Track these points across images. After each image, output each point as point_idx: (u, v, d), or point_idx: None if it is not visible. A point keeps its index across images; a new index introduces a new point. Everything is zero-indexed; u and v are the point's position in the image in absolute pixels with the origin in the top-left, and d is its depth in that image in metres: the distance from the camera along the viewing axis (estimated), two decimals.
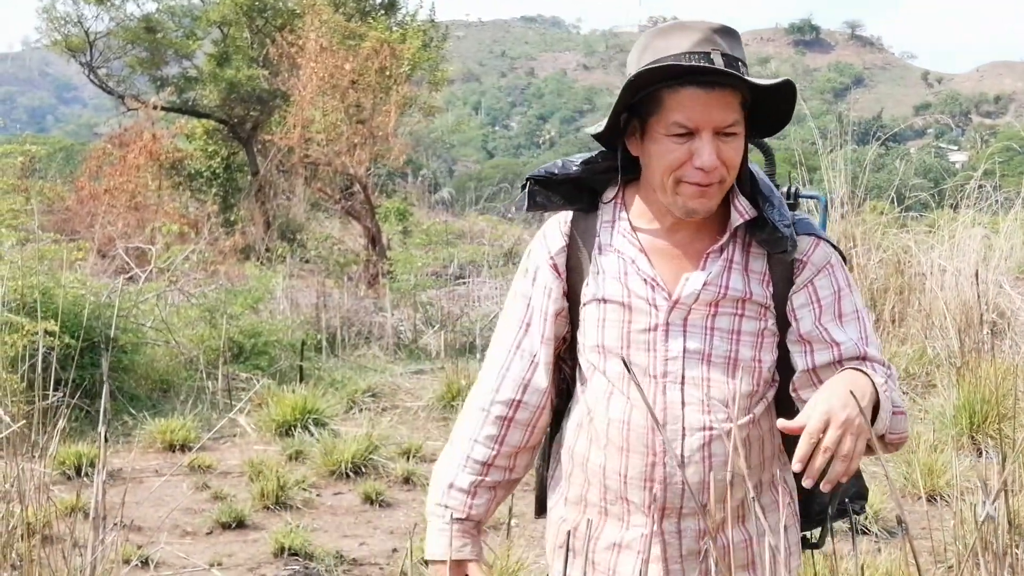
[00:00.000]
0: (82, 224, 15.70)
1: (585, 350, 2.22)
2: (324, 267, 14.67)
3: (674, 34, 2.08)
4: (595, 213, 2.24)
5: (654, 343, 2.13)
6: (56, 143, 37.89)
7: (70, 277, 8.24)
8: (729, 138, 2.05)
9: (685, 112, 2.03)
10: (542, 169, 2.23)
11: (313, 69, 15.58)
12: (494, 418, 2.26)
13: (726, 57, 2.03)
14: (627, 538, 2.18)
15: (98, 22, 22.15)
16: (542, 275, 2.27)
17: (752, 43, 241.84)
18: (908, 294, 9.46)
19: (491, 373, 2.30)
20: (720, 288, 2.12)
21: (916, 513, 5.67)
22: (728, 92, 2.03)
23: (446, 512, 2.25)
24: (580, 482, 2.24)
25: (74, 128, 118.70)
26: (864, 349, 2.15)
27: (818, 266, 2.17)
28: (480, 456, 2.27)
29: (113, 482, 6.04)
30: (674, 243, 2.16)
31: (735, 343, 2.13)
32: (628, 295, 2.15)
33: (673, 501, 2.13)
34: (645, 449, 2.12)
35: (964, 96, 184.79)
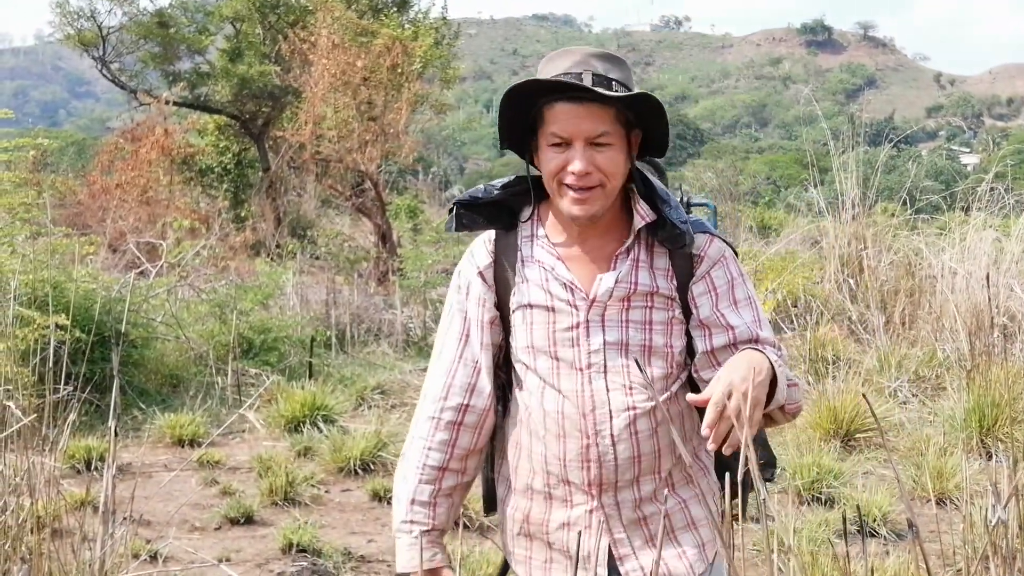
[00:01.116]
0: (94, 218, 15.73)
1: (517, 352, 2.46)
2: (334, 264, 14.68)
3: (558, 58, 2.38)
4: (514, 231, 2.50)
5: (577, 339, 2.38)
6: (68, 137, 38.06)
7: (81, 271, 8.25)
8: (603, 148, 2.31)
9: (559, 124, 2.31)
10: (467, 194, 2.50)
11: (325, 66, 15.59)
12: (445, 423, 2.48)
13: (597, 77, 2.31)
14: (573, 516, 2.42)
15: (111, 17, 22.21)
16: (474, 288, 2.51)
17: (764, 43, 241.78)
18: (919, 296, 9.45)
19: (436, 384, 2.51)
20: (630, 285, 2.39)
21: (925, 516, 5.66)
22: (596, 106, 2.29)
23: (413, 527, 2.48)
24: (526, 472, 2.48)
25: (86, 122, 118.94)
26: (757, 332, 2.42)
27: (713, 259, 2.43)
28: (435, 462, 2.48)
29: (122, 476, 6.06)
30: (586, 249, 2.43)
31: (648, 332, 2.39)
32: (551, 299, 2.41)
33: (608, 477, 2.38)
34: (579, 433, 2.37)
35: (976, 98, 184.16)
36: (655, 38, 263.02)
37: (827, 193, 10.96)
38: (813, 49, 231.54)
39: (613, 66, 2.34)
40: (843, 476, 6.04)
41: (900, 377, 8.07)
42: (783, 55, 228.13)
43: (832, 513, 5.56)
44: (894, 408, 7.41)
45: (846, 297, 9.85)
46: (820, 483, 5.92)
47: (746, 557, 4.93)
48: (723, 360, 2.36)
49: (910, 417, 7.33)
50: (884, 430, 7.04)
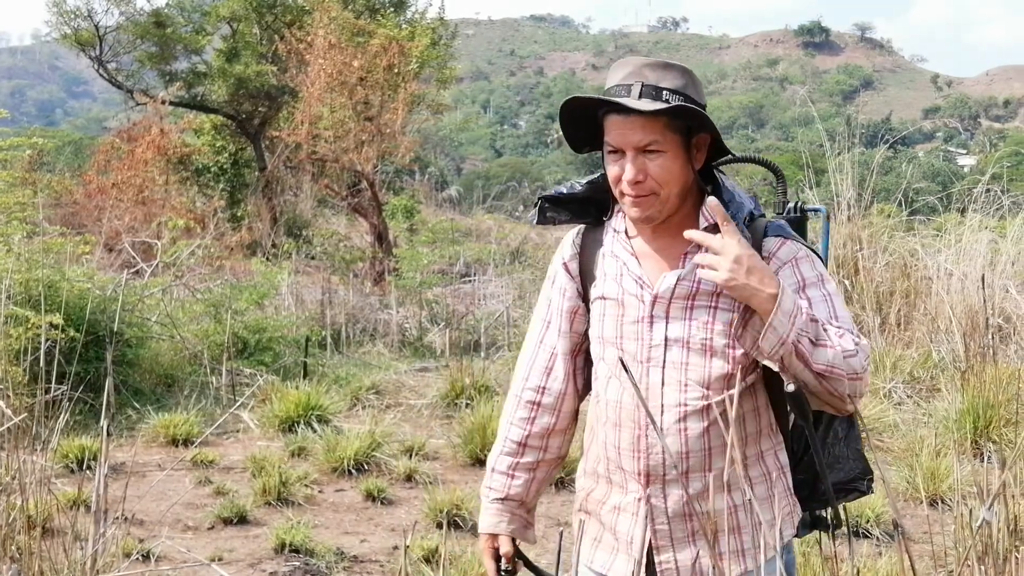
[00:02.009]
0: (89, 218, 15.71)
1: (592, 342, 2.60)
2: (330, 263, 14.68)
3: (618, 68, 2.48)
4: (601, 226, 2.62)
5: (640, 332, 2.48)
6: (65, 137, 38.00)
7: (76, 271, 8.25)
8: (653, 155, 2.40)
9: (611, 135, 2.43)
10: (553, 190, 2.65)
11: (321, 66, 15.58)
12: (525, 402, 2.68)
13: (647, 87, 2.39)
14: (624, 502, 2.53)
15: (108, 16, 22.15)
16: (559, 278, 2.67)
17: (761, 45, 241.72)
18: (914, 297, 9.45)
19: (522, 366, 2.72)
20: (692, 283, 2.44)
21: (918, 517, 5.67)
22: (644, 117, 2.37)
23: (489, 493, 2.71)
24: (595, 456, 2.61)
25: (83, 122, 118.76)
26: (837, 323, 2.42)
27: (783, 260, 2.47)
28: (515, 436, 2.68)
29: (115, 476, 6.05)
30: (658, 247, 2.51)
31: (710, 331, 2.44)
32: (622, 292, 2.51)
33: (656, 469, 2.47)
34: (632, 424, 2.48)
35: (973, 100, 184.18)
36: (652, 39, 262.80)
37: (823, 194, 10.94)
38: (810, 50, 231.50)
39: (666, 74, 2.41)
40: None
41: (895, 378, 8.07)
42: (780, 56, 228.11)
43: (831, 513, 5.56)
44: (889, 409, 7.41)
45: None
46: None
47: None
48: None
49: (904, 418, 7.34)
50: (879, 431, 7.04)
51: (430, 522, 5.72)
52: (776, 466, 2.56)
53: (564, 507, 5.89)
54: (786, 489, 2.57)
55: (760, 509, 2.51)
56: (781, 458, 2.58)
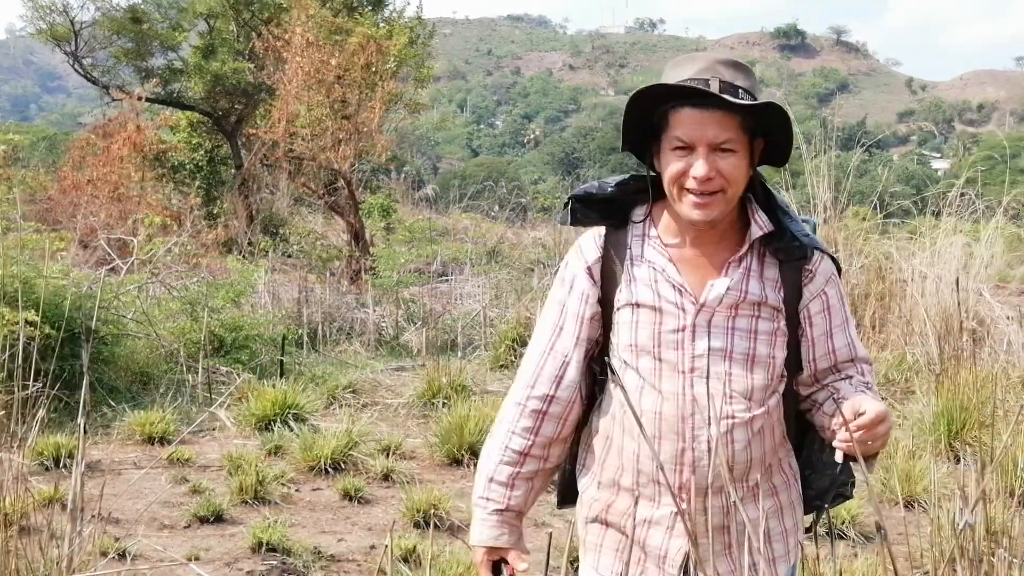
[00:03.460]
0: (64, 214, 15.62)
1: (619, 349, 2.48)
2: (307, 262, 14.64)
3: (685, 63, 2.39)
4: (625, 229, 2.52)
5: (682, 342, 2.41)
6: (39, 132, 37.74)
7: (52, 267, 8.20)
8: (726, 154, 2.33)
9: (683, 129, 2.33)
10: (582, 189, 2.54)
11: (299, 63, 15.53)
12: (530, 411, 2.55)
13: (724, 84, 2.31)
14: (657, 515, 2.47)
15: (84, 11, 22.14)
16: (579, 283, 2.54)
17: (738, 47, 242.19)
18: (889, 300, 9.51)
19: (526, 372, 2.58)
20: (740, 293, 2.42)
21: (893, 519, 5.69)
22: (721, 113, 2.31)
23: (488, 504, 2.57)
24: (614, 467, 2.52)
25: (58, 117, 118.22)
26: (855, 352, 2.54)
27: (826, 276, 2.49)
28: (517, 446, 2.56)
29: (91, 474, 6.02)
30: (699, 253, 2.46)
31: (753, 341, 2.42)
32: (659, 300, 2.44)
33: (700, 482, 2.41)
34: (675, 436, 2.40)
35: (947, 104, 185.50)
36: (629, 40, 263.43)
37: (799, 197, 10.99)
38: (786, 53, 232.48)
39: (739, 73, 2.36)
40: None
41: None
42: (756, 58, 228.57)
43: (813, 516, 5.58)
44: None
45: None
46: None
47: None
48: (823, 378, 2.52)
49: None
50: None
51: (408, 521, 5.72)
52: (791, 472, 2.59)
53: (538, 507, 5.88)
54: (799, 495, 2.62)
55: (784, 516, 2.55)
56: (793, 465, 2.61)
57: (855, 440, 2.21)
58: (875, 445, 2.32)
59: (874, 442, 2.30)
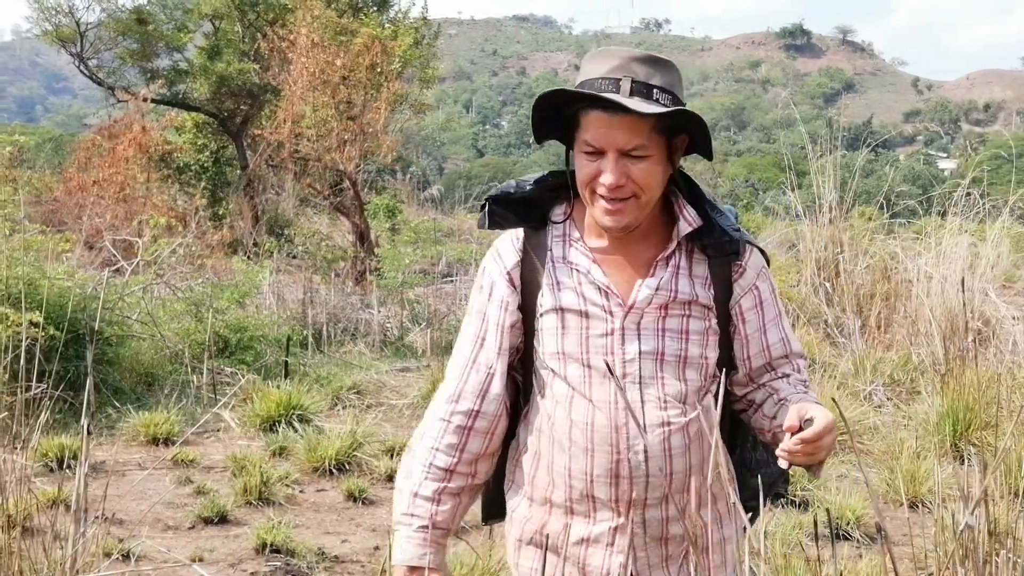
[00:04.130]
0: (70, 215, 15.64)
1: (544, 358, 2.35)
2: (312, 263, 14.64)
3: (599, 59, 2.25)
4: (545, 230, 2.39)
5: (611, 347, 2.29)
6: (45, 133, 37.86)
7: (56, 268, 8.21)
8: (637, 160, 2.21)
9: (591, 133, 2.22)
10: (500, 189, 2.40)
11: (304, 64, 15.54)
12: (455, 427, 2.38)
13: (637, 84, 2.19)
14: (595, 532, 2.33)
15: (89, 13, 22.13)
16: (498, 290, 2.40)
17: (743, 47, 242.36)
18: (894, 300, 9.50)
19: (449, 386, 2.42)
20: (670, 292, 2.30)
21: (898, 520, 5.69)
22: (632, 118, 2.17)
23: (413, 520, 2.38)
24: (544, 484, 2.38)
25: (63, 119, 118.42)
26: (789, 347, 2.44)
27: (756, 270, 2.39)
28: (442, 463, 2.39)
29: (95, 475, 6.03)
30: (624, 253, 2.33)
31: (685, 342, 2.31)
32: (584, 303, 2.31)
33: (639, 494, 2.29)
34: (609, 448, 2.27)
35: (954, 103, 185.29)
36: (635, 40, 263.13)
37: (804, 197, 10.99)
38: (792, 53, 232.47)
39: (656, 70, 2.22)
40: (817, 479, 6.05)
41: (875, 381, 8.10)
42: (762, 59, 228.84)
43: (806, 516, 5.58)
44: (869, 412, 7.44)
45: (822, 300, 9.88)
46: (794, 486, 5.93)
47: None
48: (758, 377, 2.42)
49: (884, 421, 7.37)
50: (859, 433, 7.06)
51: None
52: (727, 475, 2.43)
53: None
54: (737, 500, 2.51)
55: (723, 524, 2.42)
56: (730, 468, 2.50)
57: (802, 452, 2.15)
58: (820, 455, 2.19)
59: (819, 453, 2.17)
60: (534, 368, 2.40)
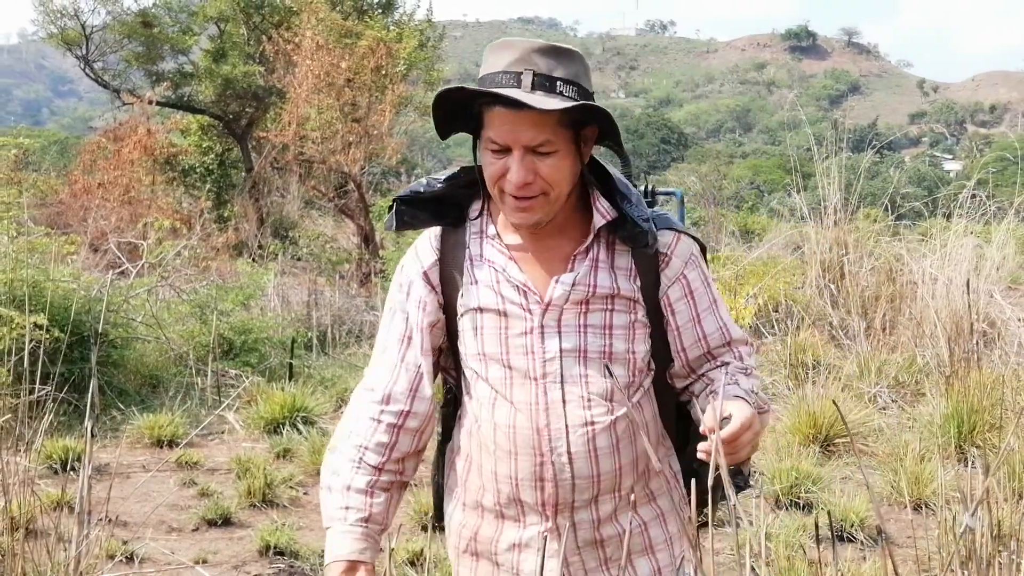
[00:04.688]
0: (75, 218, 15.68)
1: (467, 359, 2.29)
2: (316, 265, 14.67)
3: (501, 51, 2.14)
4: (463, 227, 2.31)
5: (531, 346, 2.21)
6: (51, 136, 37.94)
7: (61, 271, 8.22)
8: (544, 156, 2.12)
9: (495, 130, 2.12)
10: (408, 189, 2.31)
11: (309, 67, 15.59)
12: (385, 426, 2.30)
13: (539, 77, 2.09)
14: (525, 537, 2.26)
15: (95, 16, 22.18)
16: (416, 289, 2.33)
17: (749, 48, 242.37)
18: (899, 302, 9.48)
19: (378, 387, 2.33)
20: (589, 287, 2.21)
21: (902, 522, 5.68)
22: (536, 113, 2.06)
23: (348, 513, 2.28)
24: (476, 487, 2.32)
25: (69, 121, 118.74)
26: (728, 335, 2.34)
27: (683, 259, 2.29)
28: (373, 461, 2.30)
29: (99, 477, 6.03)
30: (540, 249, 2.25)
31: (608, 337, 2.22)
32: (502, 302, 2.23)
33: (565, 497, 2.21)
34: (532, 450, 2.20)
35: (959, 105, 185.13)
36: (640, 42, 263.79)
37: (810, 198, 10.98)
38: (797, 55, 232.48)
39: (559, 61, 2.12)
40: (822, 481, 6.05)
41: (880, 382, 8.09)
42: (767, 60, 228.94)
43: (810, 518, 5.57)
44: (873, 413, 7.42)
45: (827, 302, 9.87)
46: (798, 488, 5.92)
47: (722, 562, 4.94)
48: (698, 367, 2.32)
49: (889, 423, 7.36)
50: (863, 435, 7.05)
51: (415, 524, 5.71)
52: (671, 474, 2.38)
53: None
54: (683, 497, 2.38)
55: (667, 521, 2.34)
56: (674, 465, 2.40)
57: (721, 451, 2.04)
58: (741, 455, 2.09)
59: (739, 452, 2.08)
60: (460, 370, 2.34)
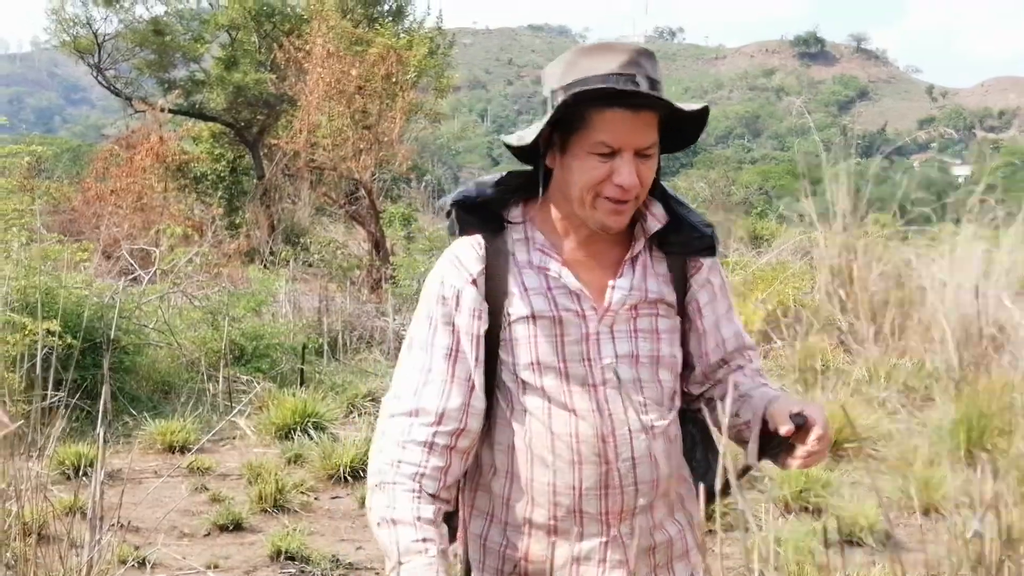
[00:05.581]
0: (87, 225, 15.74)
1: (518, 369, 2.19)
2: (327, 271, 14.69)
3: (601, 54, 2.09)
4: (503, 234, 2.23)
5: (588, 352, 2.16)
6: (63, 144, 37.99)
7: (74, 278, 8.26)
8: (647, 159, 2.11)
9: (610, 133, 2.06)
10: (460, 194, 2.24)
11: (320, 74, 15.61)
12: (441, 449, 2.16)
13: (649, 80, 2.06)
14: (584, 549, 2.19)
15: (107, 24, 22.27)
16: (466, 297, 2.20)
17: (757, 55, 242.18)
18: (908, 307, 9.48)
19: (430, 405, 2.18)
20: (642, 292, 2.20)
21: (912, 527, 5.68)
22: (650, 114, 2.07)
23: (427, 546, 2.09)
24: (523, 505, 2.21)
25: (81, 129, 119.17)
26: (743, 340, 2.35)
27: (710, 264, 2.30)
28: (431, 489, 2.15)
29: (112, 482, 6.05)
30: (591, 254, 2.21)
31: (657, 342, 2.21)
32: (556, 309, 2.16)
33: (628, 503, 2.17)
34: (597, 458, 2.14)
35: (968, 110, 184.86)
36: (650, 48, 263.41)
37: (819, 204, 10.97)
38: (806, 61, 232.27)
39: (655, 64, 2.10)
40: (831, 486, 6.05)
41: (889, 387, 8.09)
42: (776, 67, 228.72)
43: (820, 523, 5.57)
44: (883, 418, 7.42)
45: (836, 307, 9.87)
46: (808, 492, 5.93)
47: (731, 567, 4.95)
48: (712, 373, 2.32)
49: (898, 427, 7.35)
50: (873, 440, 7.05)
51: None
52: (689, 478, 2.37)
53: None
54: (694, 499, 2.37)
55: (693, 528, 2.33)
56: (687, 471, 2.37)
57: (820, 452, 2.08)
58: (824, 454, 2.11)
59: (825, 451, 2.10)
60: (498, 382, 2.22)
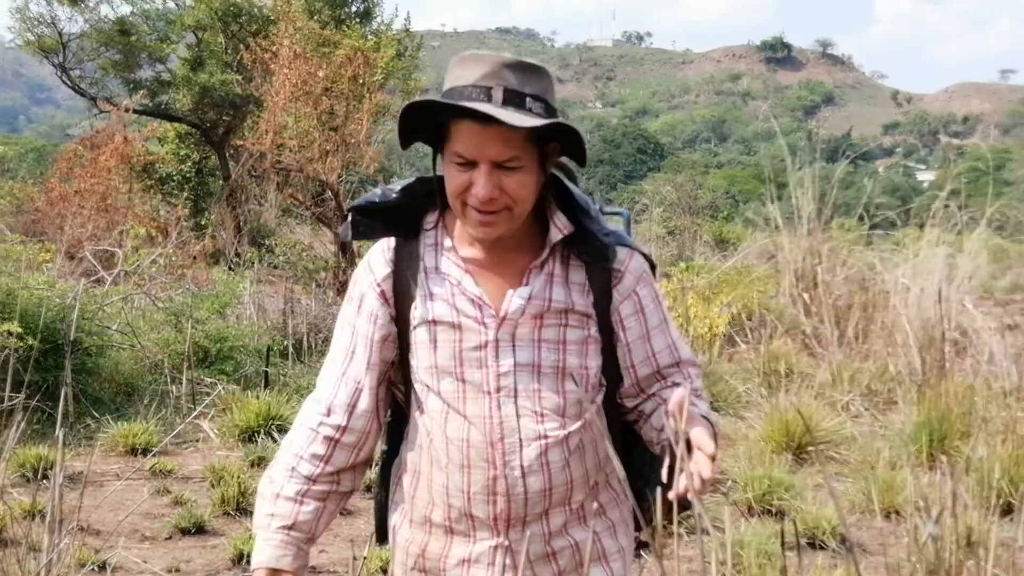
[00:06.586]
0: (51, 225, 15.62)
1: (419, 372, 2.25)
2: (293, 273, 14.64)
3: (469, 65, 2.12)
4: (416, 239, 2.28)
5: (486, 360, 2.19)
6: (28, 144, 37.76)
7: (36, 278, 8.19)
8: (511, 172, 2.10)
9: (463, 144, 2.09)
10: (363, 199, 2.29)
11: (286, 75, 15.56)
12: (322, 438, 2.29)
13: (509, 92, 2.07)
14: (475, 552, 2.24)
15: (72, 23, 22.12)
16: (368, 302, 2.29)
17: (724, 60, 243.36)
18: (872, 311, 9.55)
19: (322, 399, 2.32)
20: (544, 301, 2.20)
21: (873, 529, 5.72)
22: (505, 128, 2.04)
23: (272, 520, 2.27)
24: (424, 503, 2.30)
25: (46, 129, 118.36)
26: (678, 355, 2.34)
27: (636, 275, 2.29)
28: (305, 471, 2.29)
29: (72, 485, 6.01)
30: (496, 262, 2.23)
31: (562, 352, 2.21)
32: (457, 315, 2.20)
33: (517, 511, 2.20)
34: (486, 464, 2.19)
35: (933, 116, 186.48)
36: (617, 53, 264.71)
37: (784, 208, 11.04)
38: (772, 66, 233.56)
39: (528, 77, 2.11)
40: (794, 489, 6.08)
41: (852, 391, 8.14)
42: (743, 71, 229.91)
43: (782, 525, 5.60)
44: (846, 421, 7.47)
45: (800, 311, 9.93)
46: (771, 495, 5.96)
47: (694, 570, 4.97)
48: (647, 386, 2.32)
49: (861, 431, 7.40)
50: (836, 443, 7.10)
51: None
52: (620, 488, 2.38)
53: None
54: (631, 509, 2.40)
55: (618, 533, 2.35)
56: (621, 477, 2.40)
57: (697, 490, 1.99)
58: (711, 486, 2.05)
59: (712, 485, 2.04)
60: (410, 384, 2.30)
